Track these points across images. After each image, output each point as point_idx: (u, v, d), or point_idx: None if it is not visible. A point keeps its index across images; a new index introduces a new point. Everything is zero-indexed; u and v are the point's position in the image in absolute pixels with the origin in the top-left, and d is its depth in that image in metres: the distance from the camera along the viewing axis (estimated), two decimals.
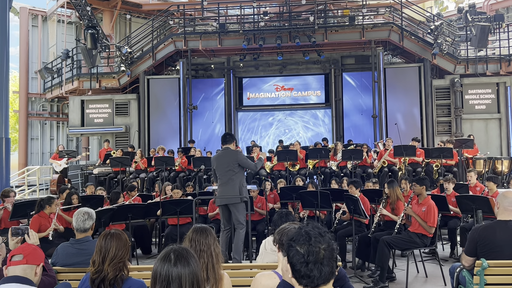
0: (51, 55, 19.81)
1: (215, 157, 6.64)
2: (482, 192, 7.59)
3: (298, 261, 1.86)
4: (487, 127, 14.23)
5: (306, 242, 1.88)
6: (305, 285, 1.87)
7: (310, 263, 1.84)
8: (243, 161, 6.44)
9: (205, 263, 2.84)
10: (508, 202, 3.82)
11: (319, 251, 1.85)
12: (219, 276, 2.89)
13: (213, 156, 6.84)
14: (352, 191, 7.08)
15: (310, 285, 1.86)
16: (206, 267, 2.82)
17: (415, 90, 14.68)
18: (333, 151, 11.36)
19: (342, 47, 15.81)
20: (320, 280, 1.85)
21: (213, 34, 14.91)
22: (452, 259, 7.29)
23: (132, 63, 15.38)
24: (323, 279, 1.85)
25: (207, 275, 2.80)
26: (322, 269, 1.84)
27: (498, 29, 13.60)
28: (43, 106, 20.25)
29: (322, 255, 1.85)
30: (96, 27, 13.75)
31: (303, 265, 1.85)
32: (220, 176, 6.44)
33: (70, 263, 3.87)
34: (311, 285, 1.86)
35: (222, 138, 6.62)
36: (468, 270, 3.97)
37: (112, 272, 2.93)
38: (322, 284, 1.87)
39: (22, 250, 2.94)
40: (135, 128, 15.60)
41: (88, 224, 3.95)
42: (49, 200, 6.92)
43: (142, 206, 7.79)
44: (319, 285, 1.87)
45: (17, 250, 2.96)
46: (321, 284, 1.87)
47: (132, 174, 12.04)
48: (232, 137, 6.67)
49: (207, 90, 16.61)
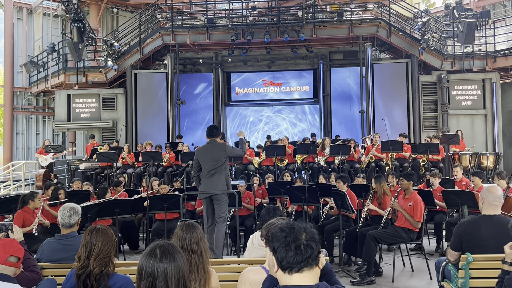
0: (37, 49, 19.54)
1: (201, 150, 6.53)
2: (467, 187, 7.68)
3: (281, 242, 1.90)
4: (473, 123, 14.37)
5: (288, 226, 1.96)
6: (289, 269, 1.90)
7: (292, 243, 1.88)
8: (232, 151, 6.45)
9: (196, 264, 2.83)
10: (493, 197, 3.87)
11: (301, 232, 1.92)
12: (208, 275, 2.89)
13: (198, 148, 6.70)
14: (339, 186, 7.11)
15: (294, 267, 1.89)
16: (197, 268, 2.82)
17: (403, 85, 14.77)
18: (321, 147, 11.40)
19: (331, 43, 15.83)
20: (304, 261, 1.88)
21: (201, 29, 14.81)
22: (438, 254, 7.38)
23: (119, 57, 15.23)
24: (306, 261, 1.88)
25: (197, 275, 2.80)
26: (304, 249, 1.88)
27: (485, 25, 13.72)
28: (28, 101, 19.99)
29: (303, 236, 1.91)
30: (82, 21, 13.57)
31: (285, 245, 1.88)
32: (205, 169, 6.33)
33: (55, 259, 3.83)
34: (295, 268, 1.89)
35: (208, 131, 6.53)
36: (453, 264, 4.01)
37: (97, 268, 2.92)
38: (305, 267, 1.89)
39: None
40: (122, 123, 15.48)
41: (73, 220, 3.91)
42: (32, 195, 6.85)
43: (129, 201, 7.75)
44: (303, 268, 1.88)
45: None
46: (304, 267, 1.89)
47: (119, 169, 11.96)
48: (218, 130, 6.60)
49: (195, 84, 16.52)
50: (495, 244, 3.74)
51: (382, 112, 14.61)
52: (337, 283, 2.35)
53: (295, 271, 1.89)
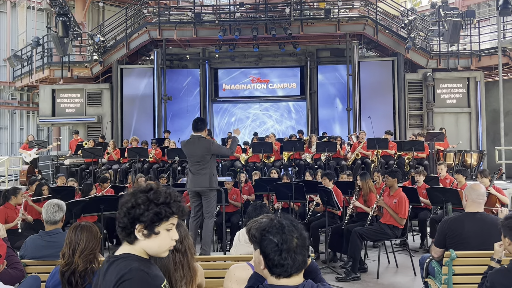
0: (21, 43, 19.24)
1: (186, 144, 6.32)
2: (451, 185, 7.77)
3: (271, 250, 1.89)
4: (457, 121, 14.54)
5: (279, 231, 1.91)
6: (278, 274, 1.90)
7: (283, 252, 1.87)
8: (218, 150, 6.26)
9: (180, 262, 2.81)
10: (476, 194, 3.91)
11: (292, 239, 1.89)
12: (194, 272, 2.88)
13: (183, 141, 6.53)
14: (325, 183, 7.15)
15: (284, 274, 1.89)
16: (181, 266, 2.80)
17: (389, 83, 14.88)
18: (308, 144, 11.44)
19: (318, 40, 15.87)
20: (294, 268, 1.88)
21: (188, 24, 14.73)
22: (422, 250, 7.46)
23: (105, 52, 15.08)
24: (296, 268, 1.89)
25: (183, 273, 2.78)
26: (295, 257, 1.87)
27: (470, 25, 13.90)
28: (12, 95, 19.71)
29: (295, 243, 1.89)
30: (67, 15, 13.41)
31: (277, 254, 1.88)
32: (192, 165, 6.24)
33: (39, 256, 3.78)
34: (284, 274, 1.89)
35: (194, 125, 6.29)
36: (437, 261, 4.06)
37: (82, 265, 2.90)
38: (294, 273, 1.90)
39: None
40: (108, 119, 15.34)
41: (58, 216, 3.87)
42: (14, 190, 6.76)
43: (114, 197, 7.68)
44: (292, 274, 1.89)
45: None
46: (293, 273, 1.89)
47: (104, 165, 11.85)
48: (204, 123, 6.35)
49: (182, 80, 16.44)
50: (479, 241, 3.79)
51: (368, 109, 14.70)
52: (322, 280, 2.36)
53: (283, 277, 1.91)
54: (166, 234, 1.87)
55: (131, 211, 1.84)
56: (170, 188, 1.96)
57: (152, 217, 1.82)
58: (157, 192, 1.87)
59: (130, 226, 1.84)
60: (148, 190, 1.88)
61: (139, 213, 1.83)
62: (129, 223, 1.84)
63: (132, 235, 1.85)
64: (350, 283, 5.81)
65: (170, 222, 1.87)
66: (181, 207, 1.90)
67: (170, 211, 1.86)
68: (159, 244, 1.87)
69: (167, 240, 1.88)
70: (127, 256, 1.85)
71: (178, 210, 1.89)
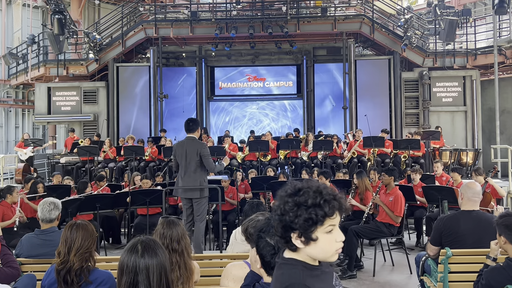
0: (16, 40, 19.15)
1: (178, 146, 6.24)
2: (447, 183, 7.79)
3: (268, 252, 1.87)
4: (453, 120, 14.57)
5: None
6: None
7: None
8: (206, 157, 6.05)
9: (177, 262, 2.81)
10: (472, 192, 3.93)
11: None
12: (190, 272, 2.88)
13: (175, 143, 6.44)
14: (322, 181, 7.13)
15: None
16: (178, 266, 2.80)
17: (385, 82, 14.90)
18: (304, 142, 11.44)
19: (314, 38, 15.86)
20: None
21: (185, 22, 14.69)
22: (418, 248, 7.49)
23: (101, 50, 15.03)
24: None
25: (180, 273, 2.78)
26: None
27: (466, 23, 13.91)
28: (7, 93, 19.61)
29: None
30: (63, 12, 13.34)
31: (274, 256, 1.85)
32: (182, 167, 6.13)
33: (35, 255, 3.77)
34: None
35: (185, 126, 6.18)
36: (433, 259, 4.07)
37: (78, 263, 2.89)
38: None
39: None
40: (104, 117, 15.29)
41: (54, 215, 3.85)
42: (9, 189, 6.75)
43: (110, 196, 7.68)
44: None
45: None
46: None
47: (100, 163, 11.82)
48: (196, 124, 6.24)
49: (178, 78, 16.40)
50: (474, 238, 3.81)
51: (364, 108, 14.71)
52: None
53: None
54: (326, 237, 1.64)
55: (282, 219, 1.67)
56: (321, 184, 1.74)
57: (303, 224, 1.62)
58: (306, 192, 1.66)
59: (285, 235, 1.68)
60: (295, 193, 1.68)
61: (289, 221, 1.65)
62: (283, 231, 1.68)
63: (290, 243, 1.68)
64: (346, 281, 5.82)
65: (328, 224, 1.63)
66: (335, 205, 1.65)
67: (323, 213, 1.62)
68: (322, 250, 1.65)
69: (330, 244, 1.65)
70: (294, 264, 1.69)
71: (332, 210, 1.64)
